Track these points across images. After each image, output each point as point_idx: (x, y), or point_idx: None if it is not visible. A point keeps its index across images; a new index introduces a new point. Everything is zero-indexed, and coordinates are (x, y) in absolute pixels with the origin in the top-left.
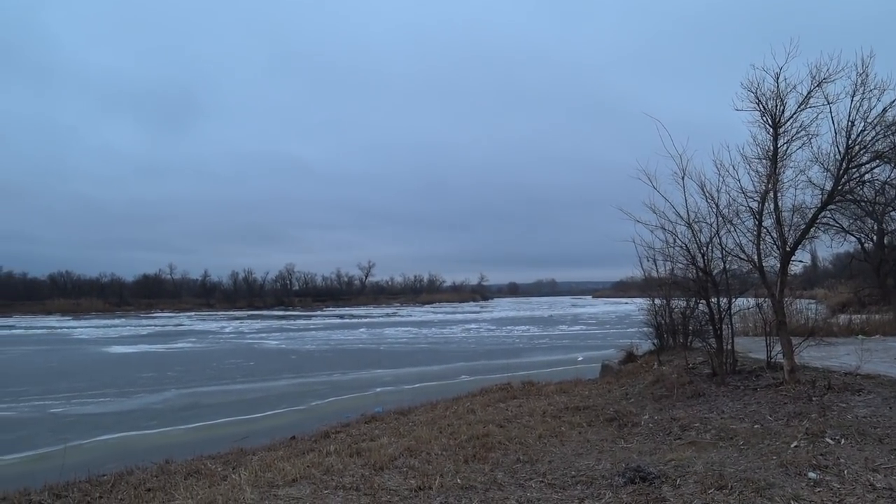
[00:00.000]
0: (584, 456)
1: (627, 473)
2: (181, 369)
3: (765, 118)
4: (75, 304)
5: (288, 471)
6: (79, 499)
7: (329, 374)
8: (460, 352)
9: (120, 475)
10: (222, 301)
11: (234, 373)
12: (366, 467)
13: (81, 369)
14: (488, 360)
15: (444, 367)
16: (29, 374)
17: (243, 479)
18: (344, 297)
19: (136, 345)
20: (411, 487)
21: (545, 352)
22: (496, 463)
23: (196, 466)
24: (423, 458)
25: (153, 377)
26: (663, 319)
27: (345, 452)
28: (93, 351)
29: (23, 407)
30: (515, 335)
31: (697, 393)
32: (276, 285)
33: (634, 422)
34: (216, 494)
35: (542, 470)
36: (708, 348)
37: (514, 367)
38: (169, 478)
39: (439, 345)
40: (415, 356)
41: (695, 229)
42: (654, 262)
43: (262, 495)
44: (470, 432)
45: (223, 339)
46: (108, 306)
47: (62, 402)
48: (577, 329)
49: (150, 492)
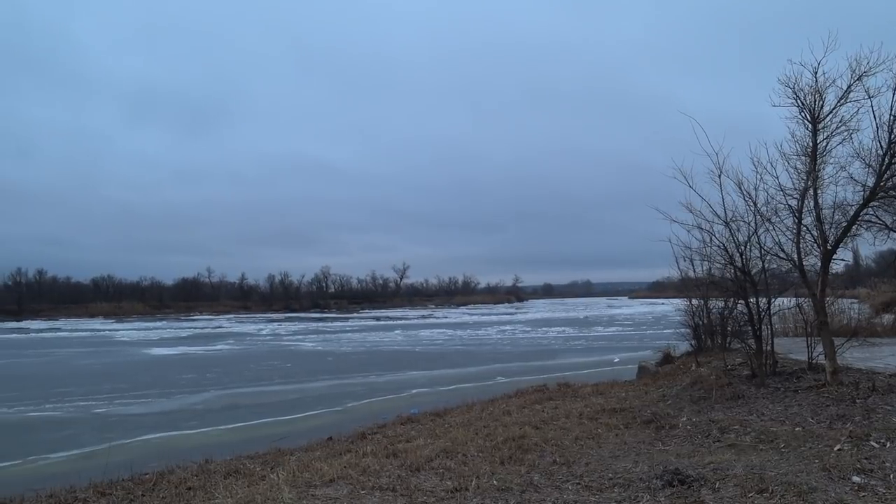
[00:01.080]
0: (621, 458)
1: (665, 476)
2: (220, 371)
3: (803, 114)
4: (117, 307)
5: (325, 471)
6: (122, 497)
7: (365, 376)
8: (495, 353)
9: (161, 474)
10: (259, 303)
11: (271, 374)
12: (402, 468)
13: (124, 371)
14: (524, 362)
15: (480, 368)
16: (74, 376)
17: (282, 478)
18: (379, 299)
19: (176, 347)
20: (447, 489)
21: (581, 353)
22: (532, 465)
23: (235, 466)
24: (459, 459)
25: (193, 378)
26: (701, 320)
27: (381, 453)
28: (134, 353)
29: (68, 407)
30: (551, 336)
31: (736, 395)
32: (311, 288)
33: (672, 424)
34: (255, 494)
35: (579, 472)
36: (747, 349)
37: (549, 368)
38: (209, 477)
39: (474, 346)
40: (450, 358)
41: (732, 228)
42: (690, 262)
43: (299, 495)
44: (506, 434)
45: (260, 341)
46: (148, 309)
47: (106, 403)
48: (612, 330)
49: (191, 490)
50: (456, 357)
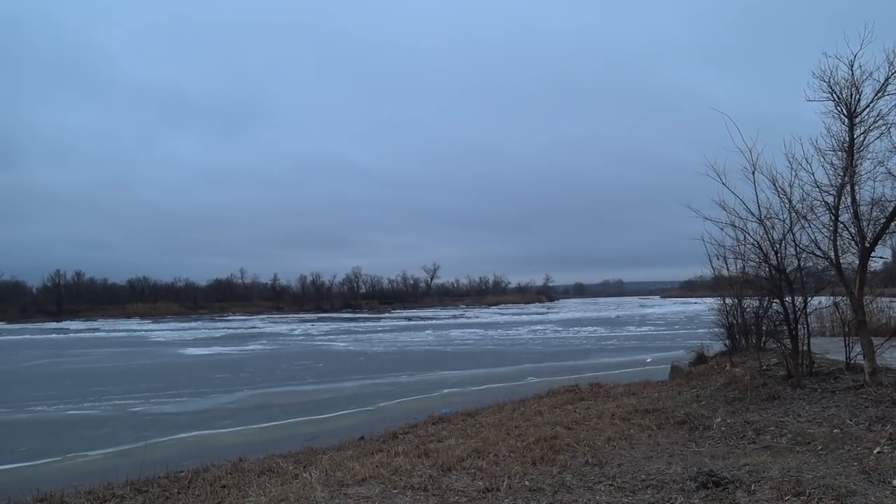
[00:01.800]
0: (654, 459)
1: (699, 478)
2: (253, 370)
3: (839, 108)
4: (152, 308)
5: (357, 470)
6: (158, 494)
7: (396, 376)
8: (527, 353)
9: (196, 472)
10: (291, 304)
11: (303, 374)
12: (434, 468)
13: (159, 370)
14: (555, 362)
15: (511, 368)
16: (111, 375)
17: (314, 477)
18: (410, 300)
19: (210, 347)
20: (479, 489)
21: (613, 353)
22: (564, 465)
23: (268, 465)
24: (491, 459)
25: (227, 378)
26: (735, 319)
27: (413, 453)
28: (169, 353)
29: (106, 406)
30: (582, 336)
31: (772, 396)
32: (343, 288)
33: (706, 425)
34: (288, 492)
35: (612, 473)
36: (782, 349)
37: (581, 368)
38: (243, 475)
39: (505, 346)
40: (481, 358)
41: (767, 226)
42: (724, 261)
43: (332, 494)
44: (537, 434)
45: (293, 341)
46: (183, 310)
47: (142, 402)
48: (644, 330)
49: (225, 488)
50: (487, 357)
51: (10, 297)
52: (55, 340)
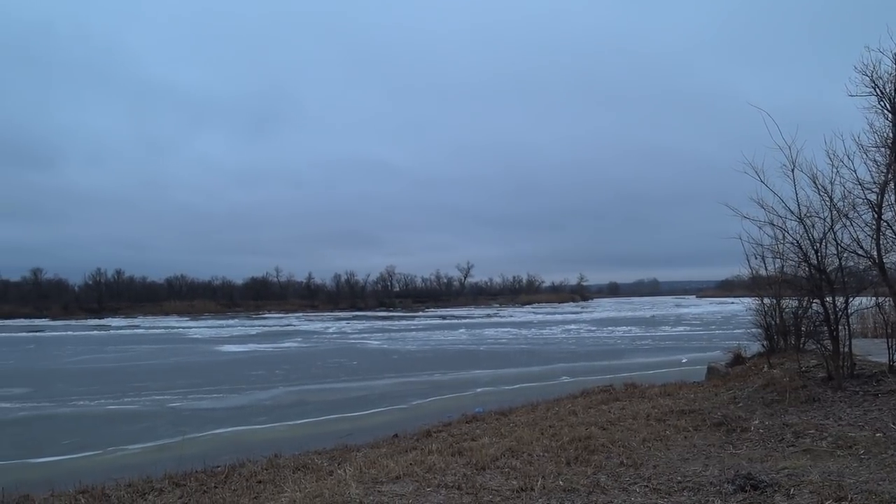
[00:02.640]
0: (690, 461)
1: (737, 481)
2: (288, 368)
3: (882, 103)
4: (190, 306)
5: (391, 468)
6: (196, 488)
7: (430, 374)
8: (560, 353)
9: (233, 467)
10: (326, 302)
11: (338, 372)
12: (467, 466)
13: (197, 367)
14: (589, 362)
15: (545, 368)
16: (150, 371)
17: (349, 474)
18: (444, 298)
19: (246, 344)
20: (513, 488)
21: (648, 353)
22: (599, 466)
23: (303, 461)
24: (525, 459)
25: (262, 375)
26: (773, 320)
27: (446, 451)
28: (207, 349)
29: (145, 401)
30: (616, 336)
31: (812, 398)
32: (377, 287)
33: (743, 427)
34: (323, 489)
35: (647, 475)
36: (823, 351)
37: (615, 368)
38: (278, 471)
39: (539, 345)
40: (514, 357)
41: (807, 224)
42: (762, 260)
43: (366, 491)
44: (572, 434)
45: (327, 339)
46: (219, 307)
47: (180, 398)
48: (680, 330)
49: (261, 484)
50: (520, 356)
51: (53, 295)
52: (96, 337)
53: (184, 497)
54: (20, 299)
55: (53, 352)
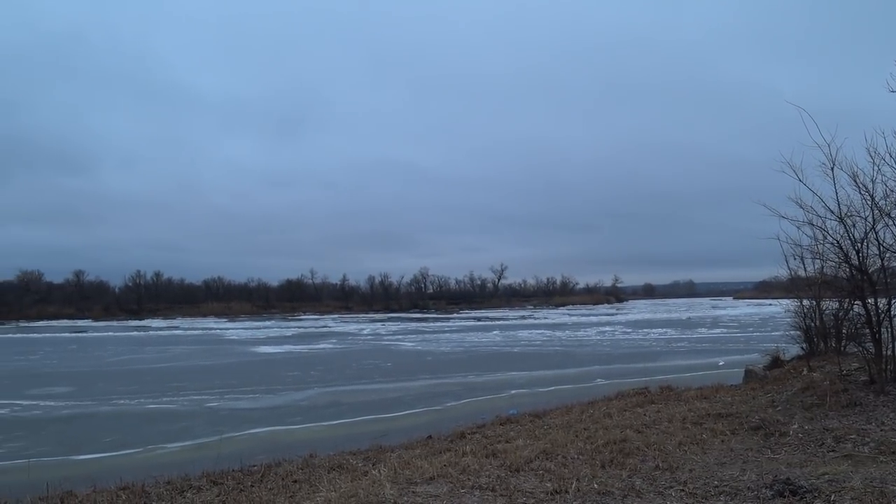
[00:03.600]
0: (727, 465)
1: (776, 486)
2: (323, 369)
3: None
4: (226, 307)
5: (426, 469)
6: (233, 486)
7: (463, 376)
8: (595, 355)
9: (269, 466)
10: (360, 304)
11: (372, 373)
12: (501, 468)
13: (233, 367)
14: (624, 364)
15: (579, 370)
16: (188, 371)
17: (383, 475)
18: (477, 300)
19: (282, 345)
20: (547, 490)
21: (683, 356)
22: (634, 469)
23: (338, 461)
24: (559, 461)
25: (297, 376)
26: (813, 322)
27: (480, 453)
28: (243, 350)
29: (183, 401)
30: (652, 338)
31: (853, 402)
32: (411, 288)
33: (782, 431)
34: (358, 489)
35: (683, 478)
36: (864, 354)
37: (650, 371)
38: (313, 471)
39: (573, 347)
40: (549, 359)
41: (847, 224)
42: (801, 261)
43: (401, 491)
44: (607, 437)
45: (361, 341)
46: (255, 309)
47: (217, 398)
48: (717, 332)
49: (297, 483)
50: (555, 358)
51: (94, 296)
52: (136, 338)
53: (221, 495)
54: (63, 300)
55: (95, 352)
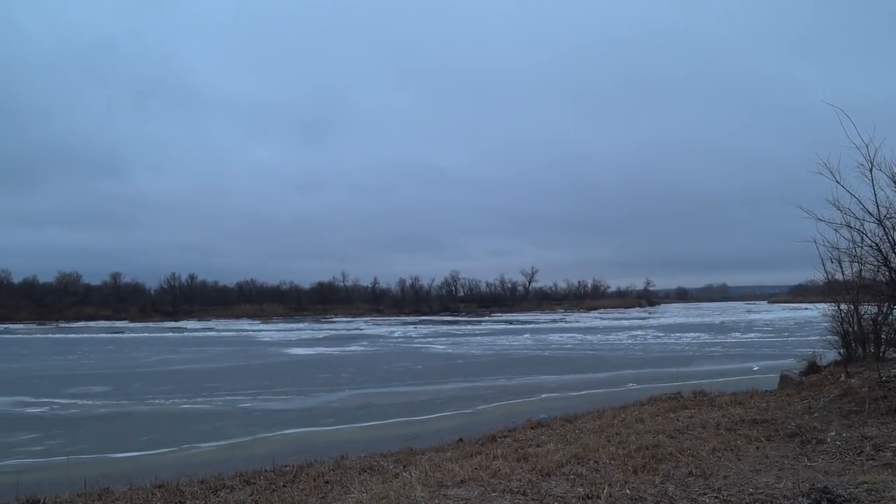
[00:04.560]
0: (762, 473)
1: (812, 495)
2: (354, 371)
3: None
4: (259, 309)
5: (456, 472)
6: (265, 486)
7: (494, 379)
8: (627, 359)
9: (301, 467)
10: (391, 307)
11: (403, 375)
12: (532, 472)
13: (266, 369)
14: (656, 368)
15: (610, 374)
16: (222, 372)
17: (414, 477)
18: (508, 304)
19: (314, 347)
20: (579, 495)
21: (717, 360)
22: (667, 475)
23: (369, 463)
24: (591, 466)
25: (329, 378)
26: (850, 327)
27: (511, 457)
28: (276, 352)
29: (216, 401)
30: (684, 342)
31: (893, 409)
32: (441, 291)
33: (819, 438)
34: (389, 490)
35: (717, 485)
36: None
37: (683, 375)
38: (345, 472)
39: (605, 351)
40: (580, 362)
41: (887, 226)
42: (838, 264)
43: (431, 494)
44: (639, 442)
45: (392, 343)
46: (287, 311)
47: (250, 398)
48: (751, 336)
49: (328, 484)
50: (586, 362)
51: (131, 298)
52: (171, 339)
53: (254, 495)
54: (101, 302)
55: (131, 352)
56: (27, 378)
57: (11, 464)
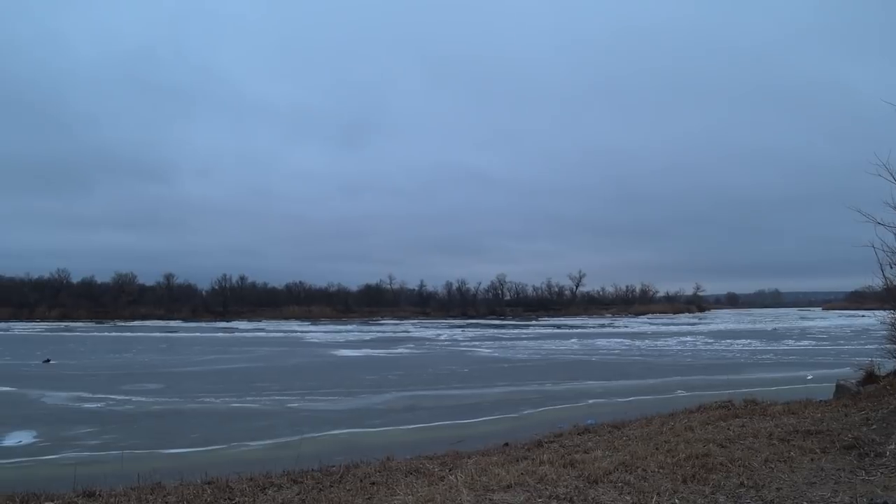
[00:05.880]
0: (817, 486)
1: None
2: (401, 373)
3: None
4: (307, 311)
5: (503, 476)
6: (312, 486)
7: (541, 384)
8: (675, 365)
9: (347, 467)
10: (437, 309)
11: (449, 378)
12: (579, 479)
13: (314, 369)
14: (706, 375)
15: (659, 380)
16: (271, 372)
17: (460, 480)
18: (554, 308)
19: (361, 349)
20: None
21: (769, 368)
22: (717, 485)
23: (415, 465)
24: (639, 474)
25: (375, 380)
26: None
27: (558, 462)
28: (323, 353)
29: (265, 400)
30: (735, 349)
31: None
32: (488, 295)
33: (878, 451)
34: (434, 493)
35: (769, 497)
36: None
37: (734, 383)
38: (390, 474)
39: (653, 357)
40: (628, 368)
41: None
42: None
43: (477, 498)
44: (688, 451)
45: (439, 346)
46: (335, 313)
47: (298, 398)
48: (804, 344)
49: (374, 485)
50: (634, 368)
51: (183, 298)
52: (222, 338)
53: (301, 494)
54: (154, 302)
55: (183, 351)
56: (85, 374)
57: (69, 456)
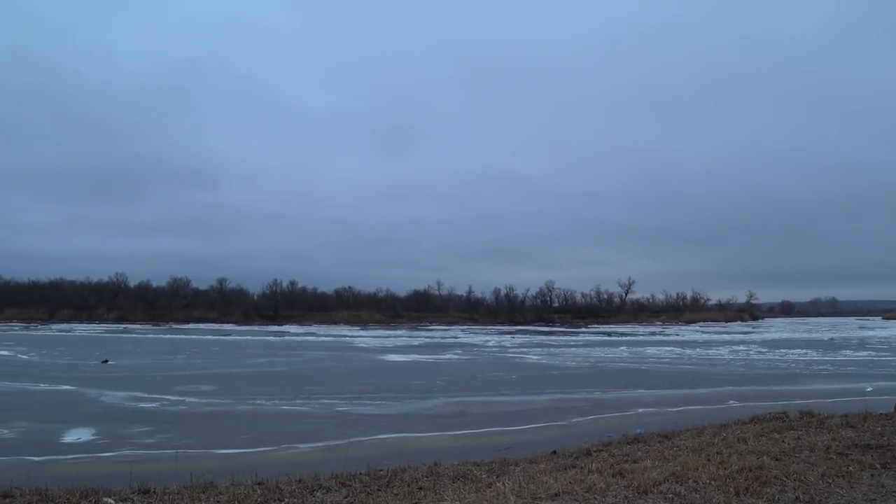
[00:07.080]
0: (877, 503)
1: None
2: (449, 378)
3: None
4: (356, 316)
5: (550, 484)
6: (360, 489)
7: (589, 392)
8: (727, 375)
9: (395, 472)
10: (485, 315)
11: (497, 385)
12: (629, 489)
13: (363, 373)
14: (759, 386)
15: (710, 390)
16: (320, 376)
17: (507, 488)
18: (603, 315)
19: (409, 354)
20: None
21: (826, 379)
22: (771, 499)
23: (462, 471)
24: (690, 485)
25: (423, 385)
26: None
27: (607, 472)
28: (371, 358)
29: (314, 403)
30: (790, 359)
31: None
32: (536, 301)
33: None
34: (482, 500)
35: None
36: None
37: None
38: (438, 479)
39: (704, 366)
40: (678, 377)
41: None
42: None
43: None
44: (741, 463)
45: (487, 353)
46: (384, 318)
47: (346, 402)
48: (863, 355)
49: (422, 490)
50: (685, 377)
51: (235, 302)
52: (273, 342)
53: (349, 496)
54: (208, 305)
55: (236, 354)
56: (141, 375)
57: (125, 454)
